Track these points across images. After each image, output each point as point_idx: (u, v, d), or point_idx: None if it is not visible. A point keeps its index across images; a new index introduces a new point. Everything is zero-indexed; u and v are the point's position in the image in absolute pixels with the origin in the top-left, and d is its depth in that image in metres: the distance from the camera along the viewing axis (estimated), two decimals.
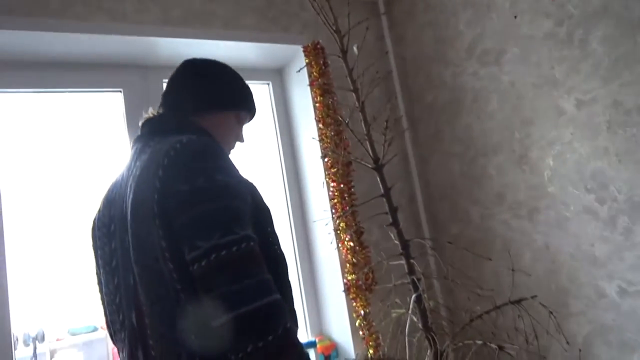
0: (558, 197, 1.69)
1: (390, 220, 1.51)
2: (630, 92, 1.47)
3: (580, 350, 1.55)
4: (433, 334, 1.42)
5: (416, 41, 2.22)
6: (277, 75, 2.26)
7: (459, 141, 2.04)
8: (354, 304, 1.95)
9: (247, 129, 1.28)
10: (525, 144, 1.78)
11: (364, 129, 1.53)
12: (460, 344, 1.38)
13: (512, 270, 1.42)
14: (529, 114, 1.76)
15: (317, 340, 2.00)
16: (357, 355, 1.83)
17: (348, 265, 1.96)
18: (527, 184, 1.79)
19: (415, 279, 1.45)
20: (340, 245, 1.99)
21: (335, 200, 2.00)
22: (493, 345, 1.24)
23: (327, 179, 2.02)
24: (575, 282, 1.66)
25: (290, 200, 2.16)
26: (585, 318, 1.63)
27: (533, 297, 1.37)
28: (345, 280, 1.97)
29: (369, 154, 1.54)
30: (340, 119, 1.84)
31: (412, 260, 1.48)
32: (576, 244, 1.65)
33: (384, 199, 1.54)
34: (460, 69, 2.01)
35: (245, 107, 1.20)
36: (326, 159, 2.02)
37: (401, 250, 1.50)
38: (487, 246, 1.91)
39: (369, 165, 1.54)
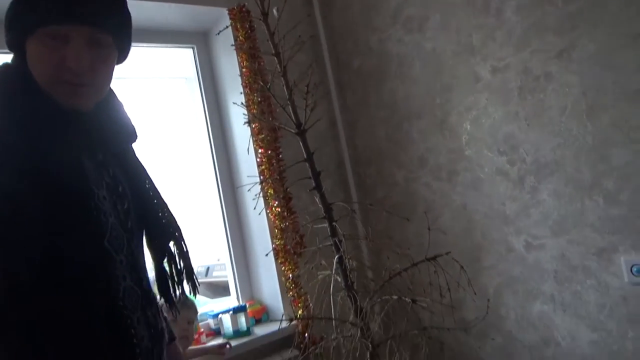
0: (474, 160, 1.78)
1: (314, 184, 1.53)
2: (539, 59, 1.55)
3: (488, 300, 1.68)
4: (354, 292, 1.48)
5: (344, 6, 2.20)
6: (201, 39, 2.18)
7: (384, 106, 2.08)
8: (283, 267, 1.98)
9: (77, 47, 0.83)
10: (445, 109, 1.85)
11: (286, 94, 1.52)
12: (379, 300, 1.45)
13: (429, 229, 1.49)
14: (449, 80, 1.82)
15: (247, 305, 2.02)
16: (283, 314, 1.87)
17: (276, 230, 1.98)
18: (447, 147, 1.86)
19: (337, 240, 1.49)
20: (268, 211, 1.99)
21: (263, 167, 2.00)
22: (407, 299, 1.31)
23: (255, 145, 2.01)
24: (488, 238, 1.77)
25: (218, 166, 2.13)
26: (496, 271, 1.76)
27: (447, 253, 1.46)
28: (273, 245, 1.99)
29: (292, 119, 1.54)
30: (262, 84, 1.82)
31: (334, 223, 1.51)
32: (489, 203, 1.75)
33: (307, 165, 1.55)
34: (385, 34, 2.03)
35: (30, 18, 0.82)
36: (254, 125, 2.00)
37: (324, 214, 1.53)
38: (411, 208, 1.99)
39: (292, 131, 1.54)
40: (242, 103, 1.95)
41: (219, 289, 2.52)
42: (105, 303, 0.80)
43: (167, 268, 1.02)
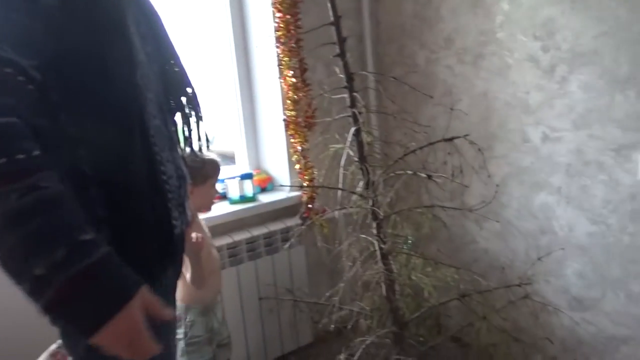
0: (505, 44, 1.68)
1: (338, 50, 1.45)
2: None
3: (497, 185, 1.70)
4: (367, 165, 1.48)
5: None
6: None
7: None
8: (292, 139, 1.97)
9: None
10: None
11: None
12: (392, 174, 1.45)
13: (451, 109, 1.45)
14: None
15: (254, 173, 2.04)
16: (292, 182, 1.90)
17: (289, 101, 1.93)
18: (478, 28, 1.75)
19: (356, 112, 1.45)
20: (282, 80, 1.92)
21: (280, 33, 1.88)
22: (423, 175, 1.32)
23: (273, 8, 1.87)
24: (504, 127, 1.74)
25: (232, 21, 2.00)
26: (506, 160, 1.76)
27: (465, 135, 1.44)
28: (285, 117, 1.95)
29: None
30: None
31: (355, 94, 1.46)
32: (513, 91, 1.69)
33: (334, 28, 1.45)
34: None
35: None
36: None
37: (345, 83, 1.47)
38: (429, 90, 1.92)
39: None
40: None
41: (224, 159, 2.53)
42: (140, 137, 0.77)
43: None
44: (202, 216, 1.62)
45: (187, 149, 1.00)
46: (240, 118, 2.09)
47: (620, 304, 1.56)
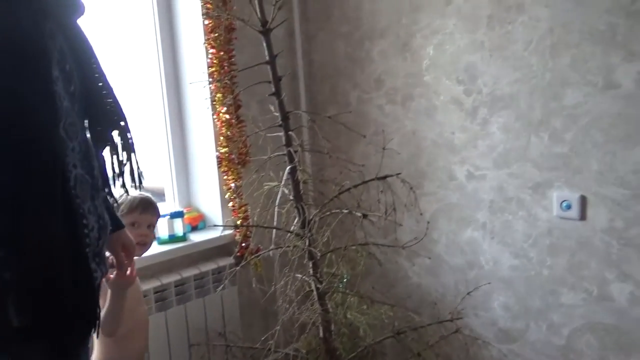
0: (431, 87, 1.78)
1: (273, 89, 1.46)
2: None
3: (428, 222, 1.75)
4: (302, 204, 1.47)
5: None
6: None
7: (347, 21, 1.99)
8: (225, 177, 1.93)
9: None
10: (410, 30, 1.80)
11: None
12: (328, 212, 1.45)
13: (384, 148, 1.49)
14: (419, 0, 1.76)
15: (184, 211, 1.96)
16: (225, 222, 1.84)
17: (222, 138, 1.89)
18: (406, 71, 1.84)
19: (291, 150, 1.45)
20: (215, 117, 1.89)
21: (214, 69, 1.86)
22: (358, 213, 1.33)
23: (206, 44, 1.86)
24: (433, 165, 1.82)
25: (164, 56, 1.95)
26: (435, 197, 1.83)
27: (398, 174, 1.47)
28: (218, 154, 1.91)
29: (257, 15, 1.42)
30: None
31: (290, 132, 1.46)
32: (439, 132, 1.78)
33: (269, 67, 1.46)
34: None
35: None
36: (207, 22, 1.84)
37: (280, 122, 1.47)
38: (361, 129, 1.98)
39: (256, 29, 1.43)
40: None
41: (153, 195, 2.42)
42: (60, 192, 0.71)
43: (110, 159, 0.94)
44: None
45: (118, 185, 0.94)
46: (170, 153, 2.01)
47: (543, 334, 1.64)
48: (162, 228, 1.85)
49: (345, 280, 1.76)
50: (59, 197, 0.71)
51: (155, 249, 1.81)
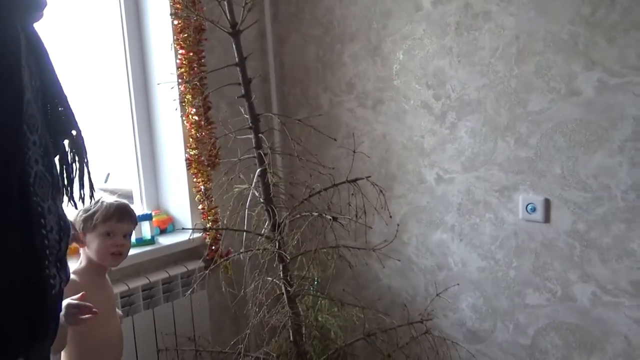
0: (401, 91, 1.80)
1: (243, 92, 1.45)
2: None
3: (398, 225, 1.77)
4: (273, 207, 1.46)
5: None
6: None
7: (319, 24, 1.99)
8: (195, 179, 1.90)
9: None
10: (381, 35, 1.81)
11: None
12: (298, 215, 1.45)
13: (354, 152, 1.50)
14: (390, 5, 1.77)
15: (153, 214, 1.92)
16: (194, 224, 1.82)
17: (191, 139, 1.87)
18: (377, 75, 1.85)
19: (262, 153, 1.44)
20: (184, 118, 1.87)
21: (183, 70, 1.84)
22: (328, 216, 1.33)
23: (175, 45, 1.83)
24: (402, 169, 1.84)
25: (130, 56, 1.91)
26: (405, 200, 1.85)
27: (368, 177, 1.48)
28: (187, 155, 1.88)
29: (226, 16, 1.40)
30: None
31: (260, 135, 1.46)
32: (409, 135, 1.80)
33: (238, 69, 1.45)
34: None
35: None
36: (176, 22, 1.81)
37: (250, 124, 1.46)
38: (332, 132, 1.98)
39: (225, 30, 1.42)
40: None
41: (121, 197, 2.36)
42: (18, 187, 0.68)
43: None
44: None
45: (65, 198, 0.89)
46: (138, 155, 1.97)
47: (509, 334, 1.68)
48: None
49: (316, 282, 1.76)
50: (16, 192, 0.68)
51: None
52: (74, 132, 0.90)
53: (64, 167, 0.89)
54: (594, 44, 1.37)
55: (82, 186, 0.93)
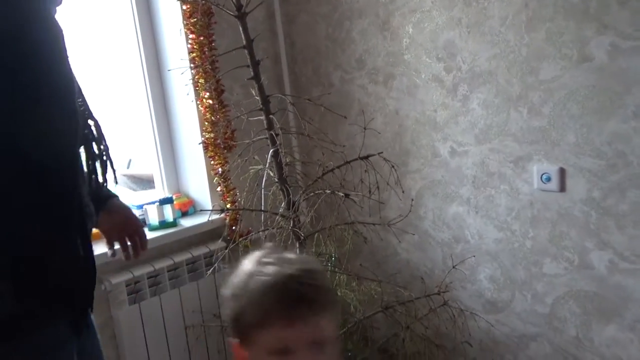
0: (412, 65, 1.78)
1: (252, 73, 1.47)
2: None
3: (412, 199, 1.78)
4: (287, 186, 1.50)
5: None
6: None
7: (326, 1, 1.98)
8: (212, 162, 1.94)
9: None
10: (389, 9, 1.80)
11: None
12: (312, 194, 1.48)
13: (365, 128, 1.51)
14: None
15: (174, 197, 1.98)
16: (213, 205, 1.87)
17: (206, 123, 1.91)
18: (387, 50, 1.84)
19: (273, 134, 1.47)
20: (198, 102, 1.90)
21: (194, 54, 1.86)
22: (340, 193, 1.36)
23: (185, 30, 1.85)
24: (416, 143, 1.84)
25: (143, 42, 1.95)
26: (420, 175, 1.85)
27: (379, 153, 1.50)
28: (203, 139, 1.93)
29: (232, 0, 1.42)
30: None
31: (271, 116, 1.48)
32: (422, 110, 1.79)
33: (246, 51, 1.47)
34: None
35: None
36: (185, 7, 1.83)
37: (261, 106, 1.48)
38: (345, 110, 1.99)
39: (231, 13, 1.43)
40: None
41: (143, 182, 2.44)
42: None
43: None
44: None
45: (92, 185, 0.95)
46: (156, 141, 2.03)
47: (528, 304, 1.69)
48: (152, 214, 1.88)
49: (333, 259, 1.80)
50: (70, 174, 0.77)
51: (146, 235, 1.84)
52: (91, 122, 0.95)
53: (90, 155, 0.94)
54: (606, 7, 1.33)
55: (105, 172, 0.98)
